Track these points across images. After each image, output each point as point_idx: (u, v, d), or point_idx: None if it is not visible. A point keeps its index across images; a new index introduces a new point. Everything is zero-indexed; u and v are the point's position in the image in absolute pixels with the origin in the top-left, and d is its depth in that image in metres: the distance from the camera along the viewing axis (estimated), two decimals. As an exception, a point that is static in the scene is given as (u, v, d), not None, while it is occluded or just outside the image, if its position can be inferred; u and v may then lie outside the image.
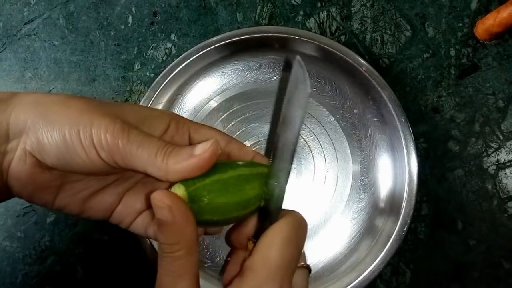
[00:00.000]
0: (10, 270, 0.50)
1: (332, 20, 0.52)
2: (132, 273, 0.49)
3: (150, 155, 0.26)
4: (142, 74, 0.52)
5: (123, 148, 0.25)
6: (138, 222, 0.31)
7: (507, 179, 0.49)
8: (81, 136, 0.25)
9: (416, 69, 0.51)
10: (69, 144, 0.25)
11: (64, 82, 0.52)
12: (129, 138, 0.26)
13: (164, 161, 0.26)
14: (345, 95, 0.50)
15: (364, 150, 0.49)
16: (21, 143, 0.26)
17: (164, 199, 0.24)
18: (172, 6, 0.53)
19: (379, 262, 0.44)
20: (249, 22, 0.52)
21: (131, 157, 0.26)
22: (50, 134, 0.25)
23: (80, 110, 0.26)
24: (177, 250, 0.24)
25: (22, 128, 0.25)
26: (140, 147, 0.26)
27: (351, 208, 0.48)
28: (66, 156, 0.25)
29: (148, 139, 0.26)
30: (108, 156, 0.25)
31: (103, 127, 0.25)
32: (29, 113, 0.26)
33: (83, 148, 0.25)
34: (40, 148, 0.25)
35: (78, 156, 0.25)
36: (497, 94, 0.50)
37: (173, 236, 0.25)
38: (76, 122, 0.25)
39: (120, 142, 0.25)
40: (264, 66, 0.50)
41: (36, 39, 0.53)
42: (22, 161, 0.26)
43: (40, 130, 0.25)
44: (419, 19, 0.51)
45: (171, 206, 0.24)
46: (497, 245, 0.49)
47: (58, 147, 0.25)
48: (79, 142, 0.25)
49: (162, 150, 0.26)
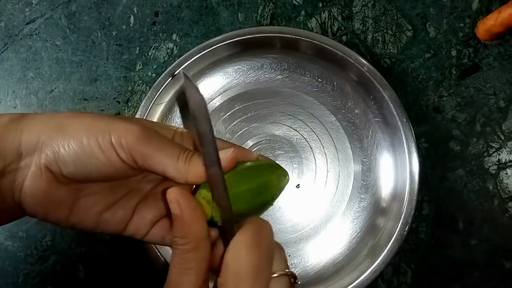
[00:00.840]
0: (12, 269, 0.50)
1: (333, 20, 0.52)
2: (133, 273, 0.49)
3: (172, 157, 0.27)
4: (144, 74, 0.52)
5: (145, 148, 0.26)
6: (154, 232, 0.31)
7: (508, 179, 0.49)
8: (99, 140, 0.26)
9: (417, 69, 0.51)
10: (87, 149, 0.26)
11: (66, 82, 0.52)
12: (151, 139, 0.27)
13: (186, 165, 0.27)
14: (346, 95, 0.50)
15: (365, 150, 0.49)
16: (35, 159, 0.26)
17: (174, 194, 0.26)
18: (173, 6, 0.53)
19: (380, 261, 0.45)
20: (250, 22, 0.52)
21: (152, 158, 0.27)
22: (67, 144, 0.26)
23: (94, 118, 0.27)
24: (185, 243, 0.25)
25: (35, 144, 0.26)
26: (162, 148, 0.27)
27: (353, 208, 0.48)
28: (84, 161, 0.26)
29: (168, 142, 0.28)
30: (128, 156, 0.26)
31: (123, 128, 0.26)
32: (41, 129, 0.26)
33: (102, 151, 0.26)
34: (57, 159, 0.26)
35: (97, 159, 0.26)
36: (498, 94, 0.50)
37: (182, 229, 0.26)
38: (92, 128, 0.26)
39: (141, 143, 0.26)
40: (266, 66, 0.50)
41: (38, 39, 0.53)
42: (37, 177, 0.26)
43: (55, 142, 0.26)
44: (420, 19, 0.51)
45: (179, 201, 0.25)
46: (498, 244, 0.49)
47: (75, 154, 0.26)
48: (97, 146, 0.26)
49: (184, 154, 0.28)
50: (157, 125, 0.31)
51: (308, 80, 0.50)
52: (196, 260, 0.26)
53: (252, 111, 0.50)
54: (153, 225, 0.31)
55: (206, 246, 0.26)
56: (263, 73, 0.51)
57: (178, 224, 0.26)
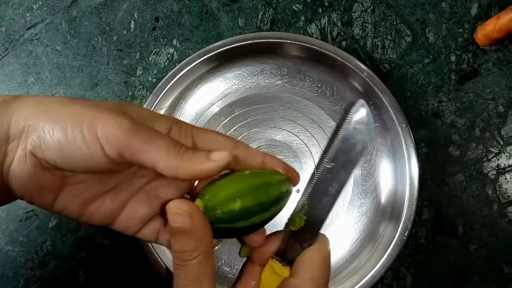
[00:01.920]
0: (12, 274, 0.50)
1: (333, 26, 0.52)
2: (134, 278, 0.49)
3: (163, 150, 0.25)
4: (144, 79, 0.52)
5: (133, 141, 0.25)
6: (148, 230, 0.30)
7: (507, 184, 0.49)
8: (84, 131, 0.25)
9: (416, 74, 0.51)
10: (71, 138, 0.25)
11: (67, 87, 0.53)
12: (140, 132, 0.25)
13: (178, 158, 0.26)
14: (346, 100, 0.50)
15: (365, 155, 0.49)
16: (22, 143, 0.25)
17: (182, 206, 0.25)
18: (174, 11, 0.53)
19: (380, 266, 0.45)
20: (250, 27, 0.53)
21: (141, 151, 0.25)
22: (52, 129, 0.25)
23: (84, 107, 0.26)
24: (196, 256, 0.25)
25: (22, 128, 0.25)
26: (151, 141, 0.25)
27: (353, 213, 0.48)
28: (67, 151, 0.25)
29: (159, 134, 0.26)
30: (114, 150, 0.25)
31: (111, 120, 0.25)
32: (30, 113, 0.25)
33: (86, 144, 0.25)
34: (41, 144, 0.25)
35: (81, 151, 0.25)
36: (497, 100, 0.50)
37: (192, 242, 0.25)
38: (79, 117, 0.25)
39: (130, 137, 0.25)
40: (266, 71, 0.51)
41: (39, 44, 0.53)
42: (22, 161, 0.25)
43: (41, 127, 0.25)
44: (420, 24, 0.52)
45: (191, 213, 0.25)
46: (497, 249, 0.49)
47: (59, 142, 0.25)
48: (82, 137, 0.25)
49: (175, 147, 0.26)
50: (152, 114, 0.30)
51: (308, 85, 0.50)
52: (208, 270, 0.25)
53: (252, 116, 0.50)
54: (145, 222, 0.30)
55: (212, 251, 0.26)
56: (263, 78, 0.51)
57: (186, 238, 0.25)
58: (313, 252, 0.29)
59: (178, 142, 0.27)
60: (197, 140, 0.30)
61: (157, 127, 0.28)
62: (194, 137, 0.30)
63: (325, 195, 0.30)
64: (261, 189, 0.28)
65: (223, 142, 0.30)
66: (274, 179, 0.30)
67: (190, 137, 0.30)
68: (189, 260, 0.25)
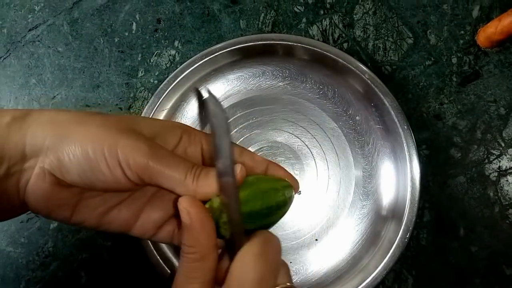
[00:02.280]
0: (13, 275, 0.50)
1: (334, 28, 0.52)
2: (135, 279, 0.49)
3: (181, 176, 0.27)
4: (146, 81, 0.52)
5: (153, 168, 0.26)
6: (163, 232, 0.32)
7: (508, 186, 0.49)
8: (106, 155, 0.26)
9: (418, 76, 0.51)
10: (93, 163, 0.26)
11: (68, 89, 0.53)
12: (159, 158, 0.27)
13: (194, 183, 0.27)
14: (347, 102, 0.50)
15: (366, 157, 0.49)
16: (39, 162, 0.26)
17: (185, 204, 0.26)
18: (176, 13, 0.53)
19: (381, 268, 0.45)
20: (252, 29, 0.53)
21: (160, 177, 0.27)
22: (72, 153, 0.26)
23: (100, 128, 0.27)
24: (193, 252, 0.26)
25: (40, 148, 0.26)
26: (170, 168, 0.27)
27: (354, 215, 0.48)
28: (88, 174, 0.26)
29: (177, 160, 0.28)
30: (134, 174, 0.26)
31: (130, 145, 0.26)
32: (46, 132, 0.26)
33: (108, 167, 0.26)
34: (60, 166, 0.26)
35: (102, 174, 0.26)
36: (498, 102, 0.50)
37: (190, 238, 0.26)
38: (99, 140, 0.26)
39: (149, 163, 0.26)
40: (267, 73, 0.51)
41: (40, 45, 0.54)
42: (40, 179, 0.26)
43: (60, 149, 0.26)
44: (421, 26, 0.52)
45: (189, 211, 0.26)
46: (498, 251, 0.49)
47: (80, 165, 0.26)
48: (104, 161, 0.26)
49: (192, 172, 0.27)
50: (163, 127, 0.31)
51: (310, 87, 0.50)
52: (202, 270, 0.26)
53: (253, 117, 0.50)
54: (160, 225, 0.31)
55: (213, 257, 0.26)
56: (265, 80, 0.51)
57: (187, 233, 0.26)
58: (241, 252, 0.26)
59: (193, 165, 0.28)
60: (206, 147, 0.32)
61: (170, 139, 0.30)
62: (204, 144, 0.31)
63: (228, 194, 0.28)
64: (269, 194, 0.29)
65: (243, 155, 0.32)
66: (280, 185, 0.31)
67: (199, 145, 0.31)
68: (187, 254, 0.26)
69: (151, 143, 0.27)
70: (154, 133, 0.29)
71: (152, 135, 0.29)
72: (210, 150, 0.31)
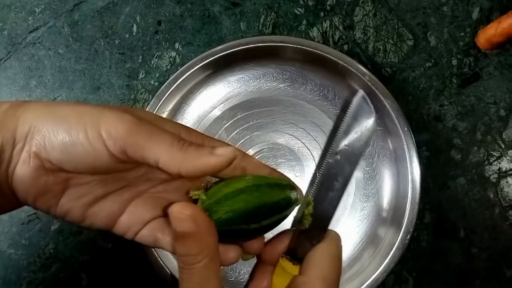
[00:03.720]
0: (14, 277, 0.50)
1: (335, 30, 0.52)
2: (136, 282, 0.50)
3: (165, 144, 0.25)
4: (147, 83, 0.53)
5: (136, 137, 0.25)
6: (146, 233, 0.30)
7: (508, 188, 0.49)
8: (87, 128, 0.25)
9: (418, 78, 0.51)
10: (74, 136, 0.25)
11: (69, 91, 0.53)
12: (143, 127, 0.25)
13: (181, 152, 0.25)
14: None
15: (367, 159, 0.49)
16: (26, 145, 0.25)
17: (185, 210, 0.25)
18: (176, 15, 0.53)
19: (382, 270, 0.45)
20: (252, 31, 0.53)
21: (144, 146, 0.25)
22: (56, 129, 0.25)
23: (87, 105, 0.26)
24: (201, 260, 0.24)
25: (27, 130, 0.25)
26: (154, 136, 0.25)
27: (354, 216, 0.48)
28: (70, 149, 0.25)
29: (162, 130, 0.26)
30: (116, 146, 0.25)
31: (113, 117, 0.25)
32: (36, 115, 0.26)
33: (88, 139, 0.25)
34: (46, 144, 0.25)
35: (83, 147, 0.25)
36: (498, 103, 0.50)
37: (196, 246, 0.25)
38: (83, 115, 0.25)
39: (133, 130, 0.25)
40: (268, 75, 0.51)
41: (41, 47, 0.54)
42: (26, 163, 0.26)
43: (46, 127, 0.25)
44: (421, 28, 0.52)
45: (195, 217, 0.24)
46: (499, 253, 0.49)
47: (63, 141, 0.25)
48: (84, 133, 0.25)
49: (179, 142, 0.26)
50: (161, 117, 0.30)
51: (310, 89, 0.51)
52: (214, 273, 0.25)
53: (254, 119, 0.50)
54: (146, 222, 0.30)
55: (219, 254, 0.26)
56: (265, 82, 0.51)
57: (191, 242, 0.25)
58: (322, 249, 0.29)
59: (181, 137, 0.27)
60: None
61: (166, 128, 0.28)
62: (205, 144, 0.30)
63: (331, 191, 0.30)
64: (263, 190, 0.28)
65: None
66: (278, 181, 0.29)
67: (200, 141, 0.30)
68: (194, 264, 0.25)
69: (137, 116, 0.26)
70: (151, 118, 0.28)
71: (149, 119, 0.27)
72: None
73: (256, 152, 0.50)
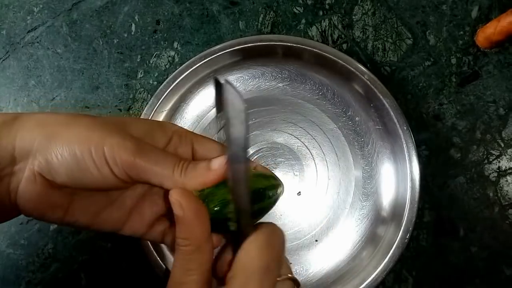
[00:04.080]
0: (13, 277, 0.50)
1: (334, 29, 0.52)
2: (135, 281, 0.49)
3: (168, 170, 0.27)
4: (145, 82, 0.52)
5: (139, 164, 0.27)
6: (154, 231, 0.32)
7: (508, 186, 0.49)
8: (93, 154, 0.26)
9: (417, 77, 0.51)
10: (81, 162, 0.26)
11: (68, 90, 0.53)
12: (145, 154, 0.27)
13: (182, 176, 0.27)
14: (347, 103, 0.50)
15: (366, 158, 0.49)
16: (29, 164, 0.26)
17: (176, 196, 0.26)
18: (175, 14, 0.53)
19: (381, 269, 0.45)
20: (251, 30, 0.53)
21: (147, 172, 0.27)
22: (59, 153, 0.26)
23: (87, 129, 0.27)
24: (187, 244, 0.26)
25: (28, 150, 0.26)
26: (156, 163, 0.27)
27: (354, 216, 0.48)
28: (76, 173, 0.26)
29: (164, 154, 0.28)
30: (122, 172, 0.27)
31: (116, 144, 0.26)
32: (35, 135, 0.26)
33: (95, 165, 0.26)
34: (49, 167, 0.26)
35: (90, 173, 0.26)
36: (498, 102, 0.50)
37: (184, 231, 0.26)
38: (86, 140, 0.26)
39: (136, 159, 0.26)
40: (267, 74, 0.51)
41: (40, 47, 0.53)
42: (31, 181, 0.26)
43: (49, 151, 0.26)
44: (420, 27, 0.52)
45: (182, 203, 0.26)
46: (498, 251, 0.49)
47: (68, 165, 0.26)
48: (91, 160, 0.26)
49: (179, 165, 0.28)
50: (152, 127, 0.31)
51: (309, 88, 0.50)
52: (198, 261, 0.26)
53: (253, 118, 0.50)
54: (152, 223, 0.31)
55: (209, 248, 0.27)
56: (264, 81, 0.51)
57: (180, 226, 0.26)
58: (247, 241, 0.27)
59: (180, 159, 0.28)
60: (197, 147, 0.32)
61: (158, 138, 0.30)
62: (194, 144, 0.32)
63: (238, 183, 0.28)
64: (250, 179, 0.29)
65: (221, 151, 0.32)
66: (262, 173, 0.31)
67: (190, 144, 0.31)
68: (182, 246, 0.26)
69: (137, 140, 0.28)
70: (142, 133, 0.29)
71: (140, 134, 0.29)
72: (202, 151, 0.32)
73: (255, 152, 0.50)
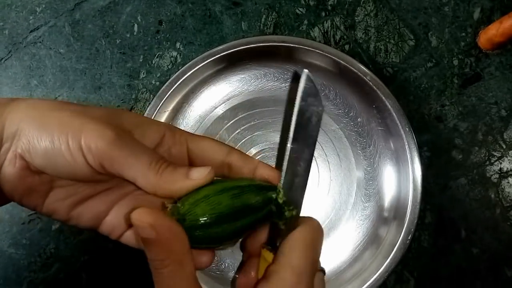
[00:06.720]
0: (15, 277, 0.50)
1: (336, 30, 0.52)
2: (136, 281, 0.49)
3: (143, 165, 0.26)
4: (148, 82, 0.52)
5: (115, 154, 0.25)
6: (130, 234, 0.30)
7: (509, 188, 0.49)
8: (69, 139, 0.25)
9: (419, 78, 0.51)
10: (56, 146, 0.25)
11: (70, 90, 0.53)
12: (122, 144, 0.26)
13: (157, 176, 0.26)
14: (349, 104, 0.50)
15: (368, 159, 0.49)
16: (13, 145, 0.26)
17: (145, 218, 0.24)
18: (177, 15, 0.53)
19: (383, 270, 0.45)
20: (254, 31, 0.53)
21: (122, 164, 0.25)
22: (39, 136, 0.25)
23: (72, 115, 0.26)
24: (167, 265, 0.24)
25: (14, 131, 0.26)
26: (132, 155, 0.26)
27: (356, 216, 0.48)
28: (51, 158, 0.25)
29: (142, 148, 0.26)
30: (96, 161, 0.25)
31: (94, 131, 0.25)
32: (23, 117, 0.26)
33: (70, 151, 0.25)
34: (30, 149, 0.25)
35: (65, 159, 0.25)
36: (499, 104, 0.50)
37: (160, 252, 0.24)
38: (66, 125, 0.26)
39: (112, 147, 0.25)
40: (269, 74, 0.51)
41: (42, 47, 0.54)
42: (11, 163, 0.26)
43: (31, 133, 0.25)
44: (423, 28, 0.52)
45: (154, 224, 0.23)
46: (499, 253, 0.49)
47: (45, 149, 0.25)
48: (66, 145, 0.25)
49: (157, 163, 0.26)
50: (145, 121, 0.30)
51: (311, 89, 0.50)
52: (184, 277, 0.25)
53: (255, 119, 0.50)
54: (129, 226, 0.30)
55: (190, 257, 0.25)
56: (266, 82, 0.51)
57: (154, 248, 0.24)
58: (294, 236, 0.28)
59: (160, 157, 0.27)
60: (192, 147, 0.30)
61: (150, 134, 0.29)
62: (189, 143, 0.30)
63: (296, 177, 0.29)
64: (234, 194, 0.27)
65: (217, 149, 0.30)
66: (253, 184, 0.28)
67: (184, 144, 0.30)
68: (161, 269, 0.24)
69: (120, 131, 0.26)
70: (134, 126, 0.28)
71: (131, 127, 0.28)
72: (197, 150, 0.30)
73: (258, 152, 0.50)
